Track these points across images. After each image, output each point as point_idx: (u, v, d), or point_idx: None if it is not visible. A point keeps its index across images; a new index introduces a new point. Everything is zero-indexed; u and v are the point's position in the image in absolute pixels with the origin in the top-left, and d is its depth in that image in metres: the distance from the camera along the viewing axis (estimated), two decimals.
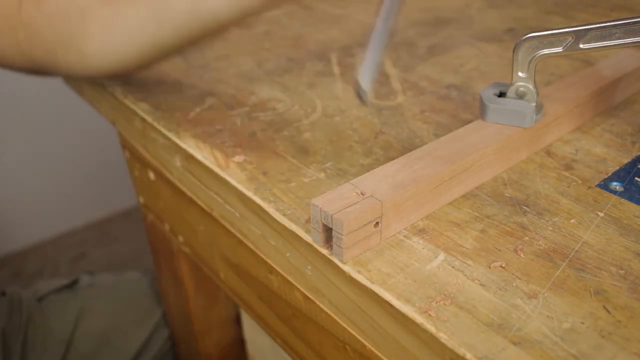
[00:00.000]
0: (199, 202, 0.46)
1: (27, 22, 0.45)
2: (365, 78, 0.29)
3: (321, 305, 0.36)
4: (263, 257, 0.40)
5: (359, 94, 0.30)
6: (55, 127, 1.53)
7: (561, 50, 0.37)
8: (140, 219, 0.68)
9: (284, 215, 0.36)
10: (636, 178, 0.38)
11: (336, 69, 0.56)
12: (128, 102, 0.51)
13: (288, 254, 0.37)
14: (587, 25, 0.36)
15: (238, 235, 0.42)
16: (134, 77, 0.54)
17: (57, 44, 0.46)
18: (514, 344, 0.26)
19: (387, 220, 0.33)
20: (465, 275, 0.30)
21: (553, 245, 0.32)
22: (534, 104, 0.39)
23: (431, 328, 0.27)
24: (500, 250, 0.32)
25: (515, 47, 0.38)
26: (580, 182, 0.38)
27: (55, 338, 0.68)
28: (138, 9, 0.43)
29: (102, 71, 0.47)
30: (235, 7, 0.40)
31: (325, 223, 0.31)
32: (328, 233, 0.32)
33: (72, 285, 0.73)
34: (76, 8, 0.44)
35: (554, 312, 0.28)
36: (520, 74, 0.39)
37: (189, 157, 0.44)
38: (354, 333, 0.34)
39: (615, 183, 0.38)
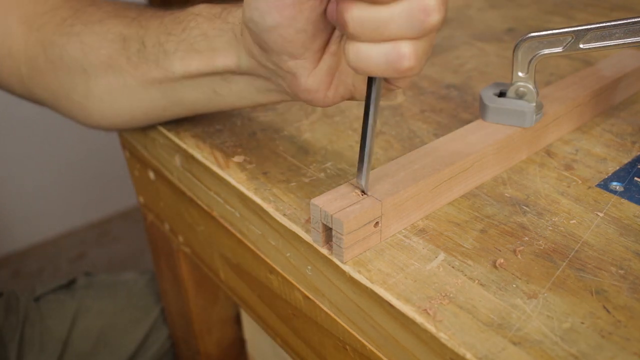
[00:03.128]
0: (199, 202, 0.46)
1: (32, 59, 0.44)
2: (363, 179, 0.32)
3: (321, 305, 0.36)
4: (263, 257, 0.40)
5: (360, 189, 0.33)
6: (55, 127, 1.53)
7: (561, 50, 0.37)
8: (140, 219, 0.68)
9: (284, 215, 0.36)
10: (636, 178, 0.38)
11: None
12: None
13: (288, 254, 0.37)
14: (587, 25, 0.36)
15: (238, 235, 0.42)
16: None
17: (59, 89, 0.44)
18: (514, 344, 0.26)
19: (387, 220, 0.33)
20: (465, 275, 0.30)
21: (553, 245, 0.32)
22: (534, 104, 0.39)
23: (431, 328, 0.27)
24: (500, 250, 0.32)
25: (515, 47, 0.38)
26: (580, 182, 0.38)
27: (52, 337, 0.68)
28: (149, 90, 0.41)
29: (104, 127, 0.46)
30: (257, 102, 0.39)
31: (325, 223, 0.31)
32: (328, 233, 0.32)
33: (70, 285, 0.74)
34: (78, 65, 0.42)
35: (554, 312, 0.28)
36: (520, 74, 0.39)
37: (189, 157, 0.44)
38: (354, 333, 0.34)
39: (615, 183, 0.38)
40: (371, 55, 0.26)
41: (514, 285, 0.30)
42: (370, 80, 0.29)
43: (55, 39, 0.43)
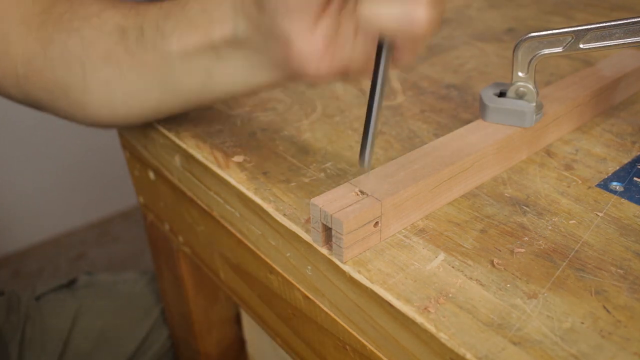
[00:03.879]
0: (199, 202, 0.46)
1: (30, 59, 0.44)
2: (366, 157, 0.31)
3: (321, 305, 0.36)
4: (263, 257, 0.40)
5: (361, 164, 0.32)
6: (56, 127, 1.53)
7: (561, 50, 0.37)
8: (140, 219, 0.68)
9: (284, 215, 0.36)
10: (636, 178, 0.38)
11: None
12: None
13: (288, 254, 0.37)
14: (587, 25, 0.36)
15: (238, 235, 0.42)
16: None
17: (56, 88, 0.44)
18: (514, 344, 0.26)
19: (387, 220, 0.33)
20: (465, 275, 0.30)
21: (553, 245, 0.32)
22: (534, 104, 0.39)
23: (431, 328, 0.27)
24: (500, 250, 0.32)
25: (515, 47, 0.38)
26: (580, 182, 0.38)
27: (53, 336, 0.68)
28: (144, 78, 0.41)
29: (102, 123, 0.46)
30: (249, 88, 0.39)
31: (325, 223, 0.31)
32: (328, 233, 0.32)
33: (70, 284, 0.74)
34: (77, 60, 0.42)
35: (554, 312, 0.28)
36: (520, 74, 0.39)
37: (189, 157, 0.44)
38: (354, 333, 0.34)
39: (615, 183, 0.38)
40: (387, 11, 0.27)
41: (514, 285, 0.30)
42: (379, 47, 0.29)
43: (55, 37, 0.43)
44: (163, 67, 0.39)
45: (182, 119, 0.47)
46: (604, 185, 0.37)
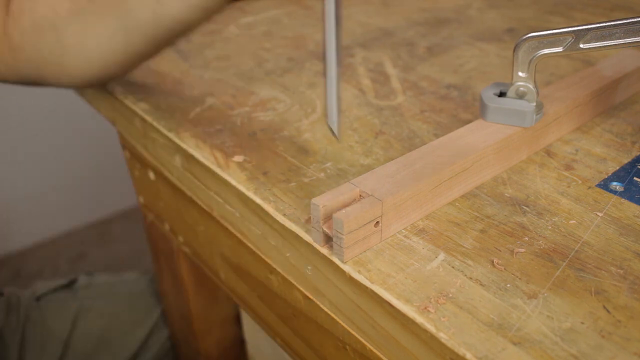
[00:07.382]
0: (199, 202, 0.46)
1: (10, 35, 0.45)
2: (332, 119, 0.31)
3: (321, 305, 0.36)
4: (263, 257, 0.40)
5: (332, 133, 0.32)
6: (56, 127, 1.53)
7: (561, 50, 0.37)
8: (140, 219, 0.68)
9: (284, 215, 0.36)
10: (636, 178, 0.38)
11: None
12: (128, 102, 0.51)
13: (288, 254, 0.37)
14: (587, 25, 0.36)
15: (238, 235, 0.42)
16: (132, 77, 0.54)
17: (38, 57, 0.46)
18: (514, 344, 0.26)
19: (387, 219, 0.33)
20: (465, 275, 0.30)
21: (553, 245, 0.32)
22: (534, 104, 0.39)
23: (431, 328, 0.27)
24: (500, 250, 0.32)
25: (515, 47, 0.38)
26: (580, 182, 0.38)
27: (53, 338, 0.68)
28: (105, 22, 0.43)
29: (85, 80, 0.47)
30: (195, 9, 0.41)
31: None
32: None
33: (71, 285, 0.74)
34: (48, 22, 0.44)
35: (554, 312, 0.28)
36: (520, 73, 0.39)
37: (189, 157, 0.44)
38: (354, 333, 0.34)
39: (615, 183, 0.38)
40: None
41: (514, 285, 0.30)
42: None
43: (25, 6, 0.44)
44: (117, 2, 0.42)
45: (182, 118, 0.47)
46: (604, 185, 0.37)
